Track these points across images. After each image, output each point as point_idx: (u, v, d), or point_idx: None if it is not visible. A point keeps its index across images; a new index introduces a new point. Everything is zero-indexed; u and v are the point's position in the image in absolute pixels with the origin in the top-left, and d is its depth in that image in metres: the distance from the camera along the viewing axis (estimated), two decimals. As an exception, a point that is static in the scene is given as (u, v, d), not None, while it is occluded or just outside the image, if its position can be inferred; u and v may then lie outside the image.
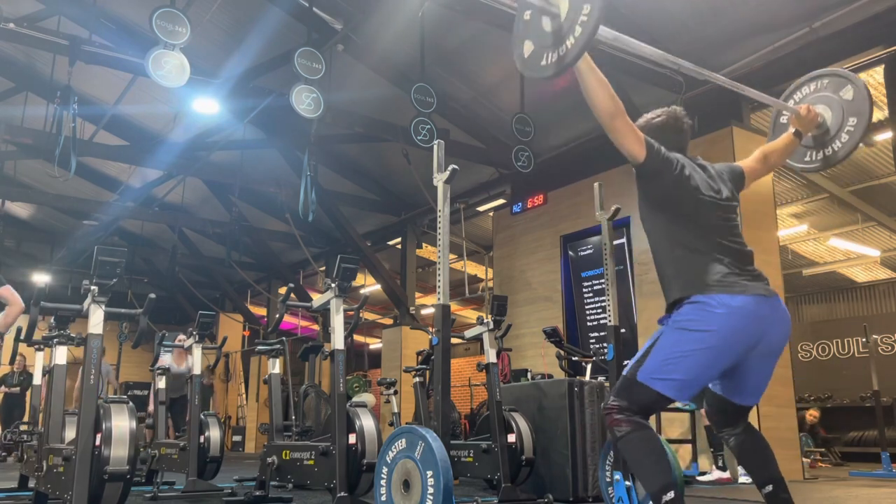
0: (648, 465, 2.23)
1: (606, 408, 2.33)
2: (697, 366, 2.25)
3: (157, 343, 5.71)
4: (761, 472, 2.40)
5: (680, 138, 2.61)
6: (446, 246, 3.54)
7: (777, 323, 2.33)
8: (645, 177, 2.44)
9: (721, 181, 2.52)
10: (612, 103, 2.28)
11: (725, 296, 2.26)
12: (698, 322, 2.26)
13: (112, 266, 3.10)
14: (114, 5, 8.02)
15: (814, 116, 2.88)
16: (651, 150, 2.36)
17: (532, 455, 4.43)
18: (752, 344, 2.29)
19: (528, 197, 9.32)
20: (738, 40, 6.84)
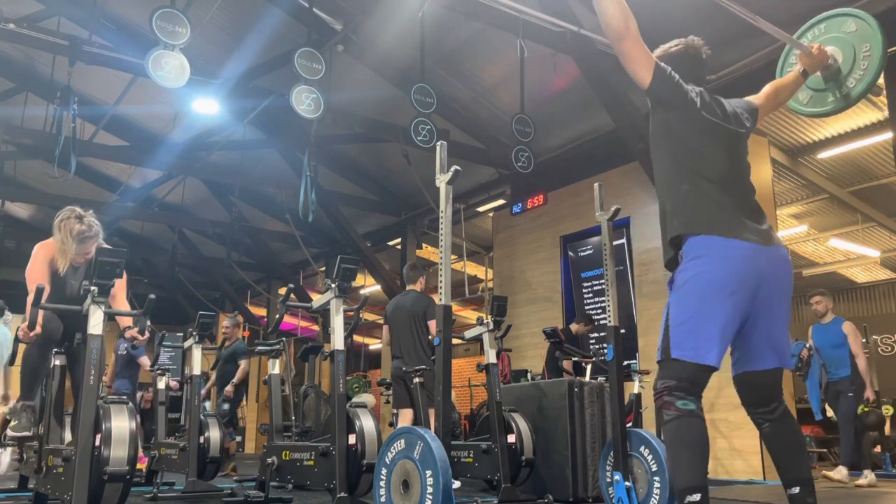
0: (684, 459, 2.14)
1: (657, 391, 2.26)
2: (711, 317, 2.20)
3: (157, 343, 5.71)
4: (791, 471, 2.29)
5: (698, 68, 2.55)
6: (448, 247, 3.54)
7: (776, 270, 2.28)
8: (656, 103, 2.38)
9: (735, 116, 2.47)
10: (624, 24, 2.19)
11: (722, 238, 2.22)
12: (696, 275, 2.23)
13: (112, 266, 3.10)
14: (114, 5, 8.02)
15: (823, 56, 2.84)
16: (661, 74, 2.29)
17: (532, 455, 4.42)
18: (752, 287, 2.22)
19: (528, 197, 9.32)
20: (737, 40, 6.84)
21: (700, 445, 2.18)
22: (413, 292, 5.82)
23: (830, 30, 3.03)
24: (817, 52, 2.83)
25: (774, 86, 2.83)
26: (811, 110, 3.09)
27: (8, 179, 11.83)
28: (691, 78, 2.45)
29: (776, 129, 8.53)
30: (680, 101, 2.34)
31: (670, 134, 2.38)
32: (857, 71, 2.89)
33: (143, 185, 11.93)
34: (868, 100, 8.05)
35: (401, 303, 5.80)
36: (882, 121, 8.16)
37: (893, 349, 11.33)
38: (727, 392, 4.67)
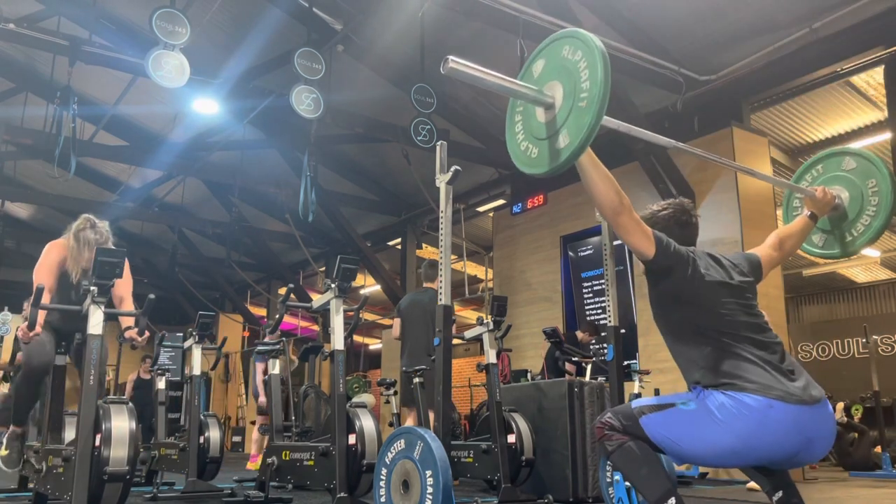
0: (645, 475, 2.16)
1: (600, 422, 2.25)
2: (704, 455, 2.15)
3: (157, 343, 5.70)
4: (770, 478, 2.29)
5: (688, 232, 2.47)
6: (448, 247, 3.54)
7: (820, 440, 2.11)
8: (656, 273, 2.29)
9: (736, 271, 2.37)
10: (618, 199, 2.13)
11: (763, 398, 2.03)
12: (727, 418, 2.05)
13: (111, 266, 3.10)
14: (114, 5, 8.02)
15: (830, 199, 2.76)
16: (660, 245, 2.22)
17: (532, 456, 4.42)
18: (782, 458, 2.10)
19: (528, 197, 9.32)
20: (738, 41, 6.84)
21: (651, 456, 2.20)
22: (431, 290, 5.76)
23: (829, 169, 2.96)
24: (822, 195, 2.74)
25: (779, 235, 2.68)
26: (826, 252, 2.99)
27: (8, 179, 11.83)
28: (683, 241, 2.37)
29: (776, 129, 8.54)
30: (682, 268, 2.25)
31: (678, 301, 2.28)
32: (869, 207, 2.80)
33: (143, 185, 11.93)
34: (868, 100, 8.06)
35: (417, 299, 5.77)
36: (882, 121, 8.16)
37: (893, 349, 11.34)
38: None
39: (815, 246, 3.03)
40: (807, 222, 2.75)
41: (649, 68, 6.89)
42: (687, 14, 6.63)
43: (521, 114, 2.23)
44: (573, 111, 1.96)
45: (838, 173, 2.92)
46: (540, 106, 2.09)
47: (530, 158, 2.16)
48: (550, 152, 2.04)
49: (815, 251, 3.05)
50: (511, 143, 2.26)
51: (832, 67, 6.81)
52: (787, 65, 6.85)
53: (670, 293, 2.30)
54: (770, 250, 2.61)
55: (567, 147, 1.97)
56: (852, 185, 2.87)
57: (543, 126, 2.08)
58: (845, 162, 2.92)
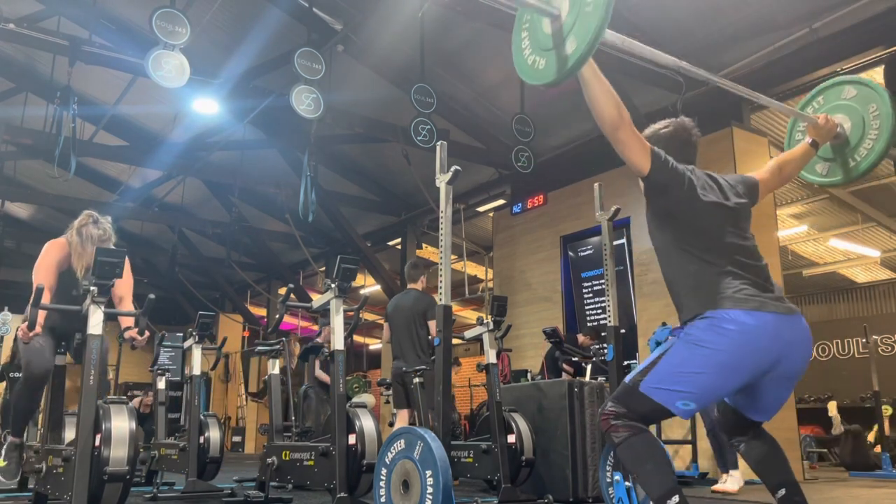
0: (650, 470, 2.16)
1: (603, 413, 2.26)
2: (705, 385, 2.17)
3: (157, 343, 5.70)
4: (773, 476, 2.32)
5: (688, 150, 2.51)
6: (448, 247, 3.55)
7: (798, 345, 2.22)
8: (652, 190, 2.33)
9: (733, 192, 2.43)
10: (618, 113, 2.16)
11: (741, 311, 2.15)
12: (711, 340, 2.15)
13: (111, 266, 3.10)
14: (114, 5, 8.02)
15: (832, 126, 2.80)
16: (657, 161, 2.26)
17: (532, 456, 4.42)
18: (768, 365, 2.18)
19: (528, 197, 9.31)
20: (738, 41, 6.84)
21: (659, 452, 2.20)
22: (414, 291, 5.78)
23: (830, 99, 3.00)
24: (824, 122, 2.78)
25: (779, 161, 2.75)
26: (828, 180, 3.03)
27: (8, 179, 11.83)
28: (683, 160, 2.41)
29: (776, 129, 8.53)
30: (678, 185, 2.30)
31: (671, 219, 2.34)
32: (871, 132, 2.84)
33: (142, 185, 11.93)
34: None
35: (401, 302, 5.77)
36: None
37: (893, 349, 11.33)
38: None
39: (818, 175, 3.06)
40: (808, 149, 2.80)
41: (649, 68, 6.88)
42: (687, 14, 6.63)
43: (528, 28, 2.27)
44: (579, 17, 2.01)
45: (839, 102, 2.96)
46: (546, 17, 2.13)
47: (537, 70, 2.20)
48: (558, 60, 2.09)
49: (819, 180, 3.08)
50: (518, 59, 2.30)
51: (832, 67, 6.80)
52: (787, 65, 6.84)
53: (665, 210, 2.35)
54: (768, 174, 2.67)
55: (574, 52, 2.02)
56: (854, 112, 2.90)
57: (549, 37, 2.12)
58: (846, 91, 2.96)
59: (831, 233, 11.70)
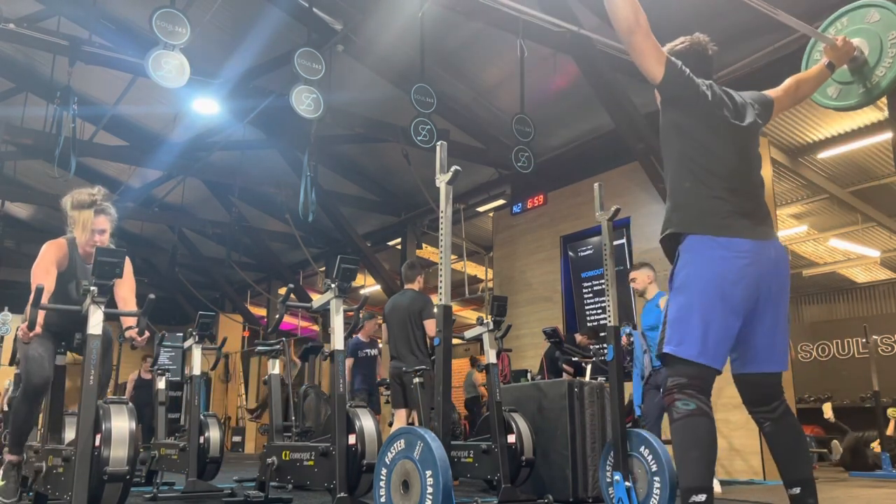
0: (692, 459, 2.11)
1: (666, 389, 2.24)
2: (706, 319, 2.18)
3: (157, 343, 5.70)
4: (792, 471, 2.29)
5: (705, 64, 2.52)
6: (448, 247, 3.54)
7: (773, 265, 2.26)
8: (666, 98, 2.36)
9: (748, 109, 2.43)
10: (634, 17, 2.16)
11: (721, 238, 2.21)
12: (693, 274, 2.21)
13: (111, 266, 3.09)
14: (114, 5, 8.02)
15: (850, 48, 2.79)
16: (672, 69, 2.27)
17: (532, 456, 4.42)
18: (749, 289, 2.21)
19: (528, 197, 9.32)
20: (738, 41, 6.84)
21: (709, 445, 2.15)
22: (410, 291, 5.80)
23: (854, 21, 2.97)
24: (842, 44, 2.77)
25: (796, 79, 2.75)
26: (840, 104, 3.02)
27: (8, 179, 11.83)
28: (699, 74, 2.43)
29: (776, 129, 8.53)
30: (692, 96, 2.31)
31: (680, 130, 2.36)
32: (886, 59, 2.82)
33: (143, 185, 11.93)
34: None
35: (398, 302, 5.78)
36: (882, 121, 8.15)
37: (893, 349, 11.33)
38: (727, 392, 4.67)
39: (829, 98, 3.04)
40: (823, 70, 2.80)
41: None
42: (687, 14, 6.63)
43: None
44: None
45: (862, 26, 2.93)
46: None
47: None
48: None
49: (829, 103, 3.06)
50: None
51: (832, 67, 6.80)
52: (787, 65, 6.84)
53: (676, 122, 2.37)
54: (783, 93, 2.68)
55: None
56: (873, 37, 2.88)
57: None
58: (870, 14, 2.93)
59: (831, 233, 11.70)
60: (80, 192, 3.78)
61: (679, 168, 2.35)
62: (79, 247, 3.77)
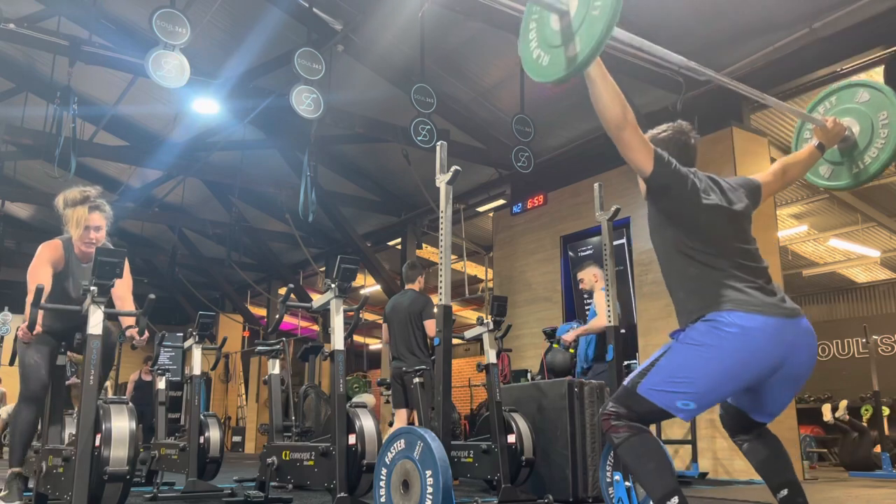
0: (651, 471, 2.15)
1: (603, 414, 2.25)
2: (705, 386, 2.15)
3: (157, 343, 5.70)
4: (776, 476, 2.31)
5: (688, 153, 2.49)
6: (448, 247, 3.54)
7: (801, 348, 2.19)
8: (654, 191, 2.32)
9: (736, 195, 2.41)
10: (622, 114, 2.15)
11: (742, 314, 2.12)
12: (710, 342, 2.13)
13: (111, 267, 3.10)
14: (114, 6, 8.02)
15: (840, 129, 2.78)
16: (660, 162, 2.25)
17: (532, 456, 4.42)
18: (770, 369, 2.16)
19: (528, 197, 9.31)
20: (738, 41, 6.84)
21: (660, 453, 2.20)
22: (411, 292, 5.82)
23: (843, 101, 2.96)
24: (832, 125, 2.75)
25: (784, 163, 2.72)
26: (832, 184, 3.00)
27: (8, 179, 11.83)
28: (682, 163, 2.40)
29: (776, 129, 8.53)
30: (680, 186, 2.28)
31: (673, 219, 2.33)
32: (878, 140, 2.81)
33: (143, 186, 11.93)
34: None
35: (398, 302, 5.80)
36: (882, 121, 8.15)
37: (893, 349, 11.33)
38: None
39: (821, 177, 3.04)
40: (814, 151, 2.77)
41: (649, 68, 6.88)
42: (687, 14, 6.63)
43: (536, 21, 2.26)
44: (587, 19, 2.00)
45: (851, 105, 2.92)
46: (555, 13, 2.13)
47: (541, 66, 2.20)
48: (563, 59, 2.08)
49: (821, 182, 3.05)
50: (524, 51, 2.30)
51: (832, 67, 6.80)
52: (787, 65, 6.84)
53: (666, 212, 2.34)
54: (771, 177, 2.65)
55: (579, 53, 2.02)
56: (864, 118, 2.87)
57: (557, 33, 2.12)
58: (859, 94, 2.92)
59: (831, 233, 11.70)
60: (71, 191, 3.77)
61: (680, 258, 2.31)
62: (74, 246, 3.76)
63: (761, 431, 2.42)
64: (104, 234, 3.79)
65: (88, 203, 3.72)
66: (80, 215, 3.70)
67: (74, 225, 3.70)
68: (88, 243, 3.71)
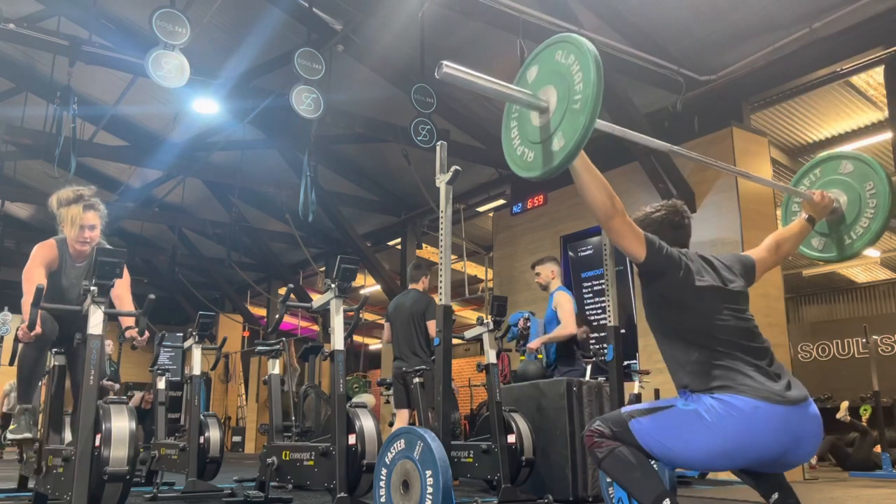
0: (638, 478, 2.15)
1: (588, 430, 2.24)
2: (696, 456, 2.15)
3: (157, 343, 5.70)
4: (764, 481, 2.29)
5: (681, 234, 2.49)
6: (448, 247, 3.54)
7: (807, 438, 2.13)
8: (648, 276, 2.31)
9: (730, 273, 2.38)
10: (611, 203, 2.16)
11: (748, 399, 2.06)
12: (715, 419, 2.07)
13: (112, 267, 3.10)
14: (114, 5, 8.02)
15: (828, 202, 2.76)
16: (652, 248, 2.23)
17: (532, 455, 4.42)
18: (772, 458, 2.12)
19: (528, 197, 9.31)
20: (738, 41, 6.85)
21: (643, 460, 2.19)
22: (414, 291, 5.81)
23: (827, 173, 2.98)
24: (819, 199, 2.75)
25: (776, 238, 2.71)
26: (826, 256, 3.01)
27: (8, 179, 11.82)
28: (675, 243, 2.39)
29: (776, 129, 8.53)
30: (674, 270, 2.27)
31: (669, 303, 2.30)
32: (867, 210, 2.81)
33: (143, 185, 11.93)
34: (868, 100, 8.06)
35: (401, 302, 5.80)
36: (882, 121, 8.16)
37: (893, 349, 11.33)
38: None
39: (813, 249, 3.04)
40: (805, 225, 2.76)
41: (649, 68, 6.89)
42: (687, 14, 6.63)
43: (517, 119, 2.24)
44: (567, 113, 1.98)
45: (836, 177, 2.93)
46: (535, 110, 2.11)
47: (526, 162, 2.18)
48: (545, 155, 2.06)
49: (813, 254, 3.06)
50: (507, 147, 2.28)
51: (832, 67, 6.81)
52: (787, 65, 6.84)
53: (661, 295, 2.32)
54: (765, 253, 2.62)
55: (562, 149, 1.99)
56: (850, 189, 2.88)
57: (538, 130, 2.10)
58: (842, 165, 2.93)
59: (831, 233, 11.68)
60: (64, 191, 3.75)
61: (679, 342, 2.27)
62: (69, 245, 3.76)
63: None
64: (98, 233, 3.77)
65: (83, 202, 3.71)
66: (74, 214, 3.69)
67: (69, 224, 3.69)
68: (83, 242, 3.70)
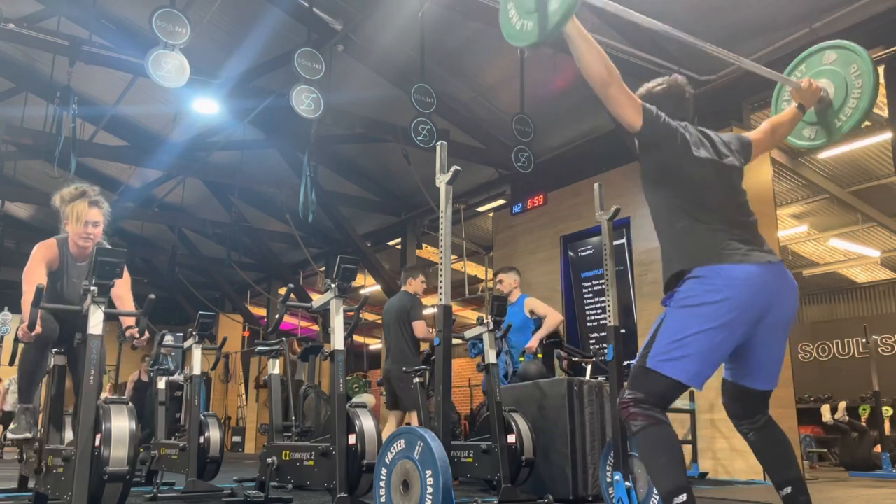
0: (663, 464, 2.15)
1: (622, 401, 2.25)
2: (706, 344, 2.17)
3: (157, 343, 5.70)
4: (780, 472, 2.31)
5: (682, 107, 2.55)
6: (448, 247, 3.54)
7: (784, 290, 2.25)
8: (645, 146, 2.37)
9: (727, 148, 2.46)
10: (606, 70, 2.19)
11: (728, 266, 2.19)
12: (701, 297, 2.18)
13: (112, 267, 3.09)
14: (114, 5, 8.02)
15: (816, 89, 2.85)
16: (649, 117, 2.29)
17: (532, 455, 4.42)
18: (759, 315, 2.20)
19: (528, 197, 9.31)
20: (738, 41, 6.84)
21: (675, 448, 2.20)
22: (401, 293, 6.02)
23: (812, 66, 3.08)
24: (807, 86, 2.83)
25: (771, 123, 2.82)
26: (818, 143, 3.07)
27: (8, 179, 11.83)
28: (677, 117, 2.45)
29: (776, 129, 8.52)
30: (670, 140, 2.32)
31: (663, 174, 2.37)
32: (854, 90, 2.88)
33: (143, 185, 11.93)
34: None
35: (390, 304, 6.01)
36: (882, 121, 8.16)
37: (893, 349, 11.33)
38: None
39: (806, 139, 3.09)
40: (796, 112, 2.86)
41: (649, 68, 6.88)
42: (687, 14, 6.63)
43: None
44: None
45: (822, 68, 3.03)
46: None
47: (525, 32, 2.24)
48: (541, 20, 2.13)
49: (807, 144, 3.11)
50: (506, 26, 2.35)
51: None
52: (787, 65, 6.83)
53: (657, 166, 2.38)
54: (762, 135, 2.74)
55: (557, 9, 2.07)
56: (836, 76, 2.96)
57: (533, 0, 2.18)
58: (826, 56, 3.03)
59: (831, 233, 11.70)
60: (68, 188, 3.77)
61: (669, 210, 2.36)
62: (71, 242, 3.76)
63: (767, 420, 2.40)
64: (101, 230, 3.78)
65: (87, 198, 3.72)
66: (80, 210, 3.70)
67: (74, 220, 3.70)
68: (86, 238, 3.70)
